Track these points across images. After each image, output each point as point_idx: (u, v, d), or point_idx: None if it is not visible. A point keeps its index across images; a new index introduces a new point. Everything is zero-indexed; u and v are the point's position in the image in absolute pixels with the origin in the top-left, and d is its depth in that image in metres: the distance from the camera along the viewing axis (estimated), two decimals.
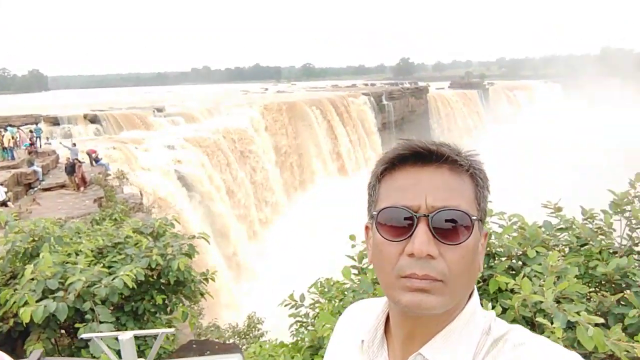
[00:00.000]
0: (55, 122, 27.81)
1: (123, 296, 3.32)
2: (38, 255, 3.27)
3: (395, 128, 50.10)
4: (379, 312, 0.87)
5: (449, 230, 0.72)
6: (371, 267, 2.88)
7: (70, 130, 26.91)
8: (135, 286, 3.05)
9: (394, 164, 0.77)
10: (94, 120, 28.80)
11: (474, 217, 0.73)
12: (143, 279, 3.39)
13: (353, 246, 2.98)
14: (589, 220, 2.64)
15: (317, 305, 3.17)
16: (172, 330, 2.85)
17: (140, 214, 12.14)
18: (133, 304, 3.52)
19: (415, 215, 0.72)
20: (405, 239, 0.72)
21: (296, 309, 3.22)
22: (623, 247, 2.43)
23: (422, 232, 0.71)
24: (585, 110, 62.47)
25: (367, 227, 0.83)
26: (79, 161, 14.42)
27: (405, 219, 0.73)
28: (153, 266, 3.57)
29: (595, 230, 2.55)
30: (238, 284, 23.50)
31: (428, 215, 0.71)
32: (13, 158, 16.49)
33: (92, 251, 3.61)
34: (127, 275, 2.94)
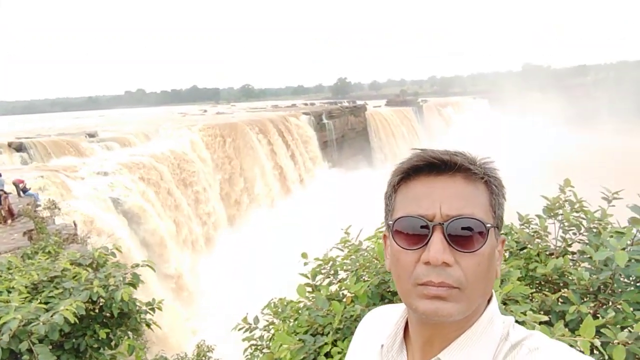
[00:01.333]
0: None
1: (63, 333, 3.11)
2: None
3: (337, 146, 50.87)
4: (398, 319, 0.89)
5: (464, 238, 0.74)
6: (325, 283, 2.89)
7: None
8: (77, 321, 2.87)
9: (409, 174, 0.80)
10: (19, 148, 26.99)
11: (489, 225, 0.75)
12: (84, 313, 3.20)
13: (306, 264, 2.98)
14: (525, 225, 2.81)
15: (271, 326, 3.12)
16: None
17: (75, 246, 11.43)
18: (74, 340, 3.30)
19: (430, 224, 0.74)
20: (421, 247, 0.74)
21: (250, 332, 3.15)
22: (558, 248, 2.60)
23: (437, 240, 0.73)
24: (511, 123, 66.51)
25: (384, 236, 0.85)
26: (5, 192, 13.42)
27: (421, 227, 0.75)
28: (94, 299, 3.37)
29: (532, 234, 2.71)
30: (183, 313, 22.63)
31: (443, 224, 0.73)
32: None
33: (26, 287, 3.35)
34: (68, 309, 2.76)
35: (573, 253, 2.55)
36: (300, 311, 2.85)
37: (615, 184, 2.81)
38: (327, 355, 2.32)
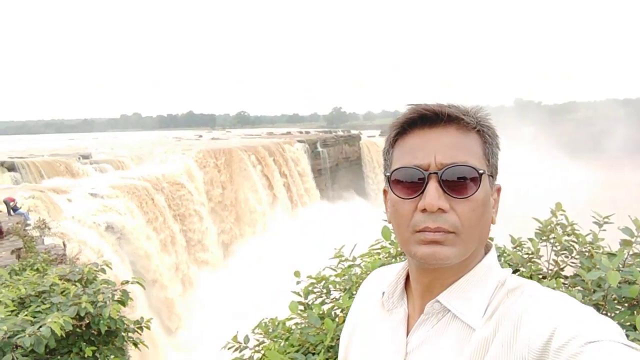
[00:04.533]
0: None
1: (48, 350, 3.04)
2: None
3: (330, 174, 51.05)
4: (399, 270, 0.94)
5: (458, 184, 0.77)
6: (317, 302, 2.86)
7: None
8: (64, 335, 2.81)
9: (404, 128, 0.84)
10: (11, 167, 26.83)
11: (482, 171, 0.79)
12: (71, 329, 3.13)
13: (298, 283, 2.96)
14: (518, 248, 2.81)
15: (262, 346, 3.06)
16: None
17: (63, 266, 11.25)
18: (59, 357, 3.22)
19: (426, 173, 0.78)
20: (418, 195, 0.78)
21: (240, 351, 3.09)
22: (550, 271, 2.61)
23: (432, 188, 0.76)
24: (506, 154, 67.35)
25: (384, 191, 0.89)
26: None
27: (417, 177, 0.79)
28: (82, 314, 3.31)
29: (525, 256, 2.71)
30: (172, 338, 22.15)
31: (437, 172, 0.77)
32: None
33: (12, 301, 3.29)
34: (55, 322, 2.70)
35: (565, 277, 2.56)
36: (291, 330, 2.81)
37: (607, 211, 2.84)
38: None
